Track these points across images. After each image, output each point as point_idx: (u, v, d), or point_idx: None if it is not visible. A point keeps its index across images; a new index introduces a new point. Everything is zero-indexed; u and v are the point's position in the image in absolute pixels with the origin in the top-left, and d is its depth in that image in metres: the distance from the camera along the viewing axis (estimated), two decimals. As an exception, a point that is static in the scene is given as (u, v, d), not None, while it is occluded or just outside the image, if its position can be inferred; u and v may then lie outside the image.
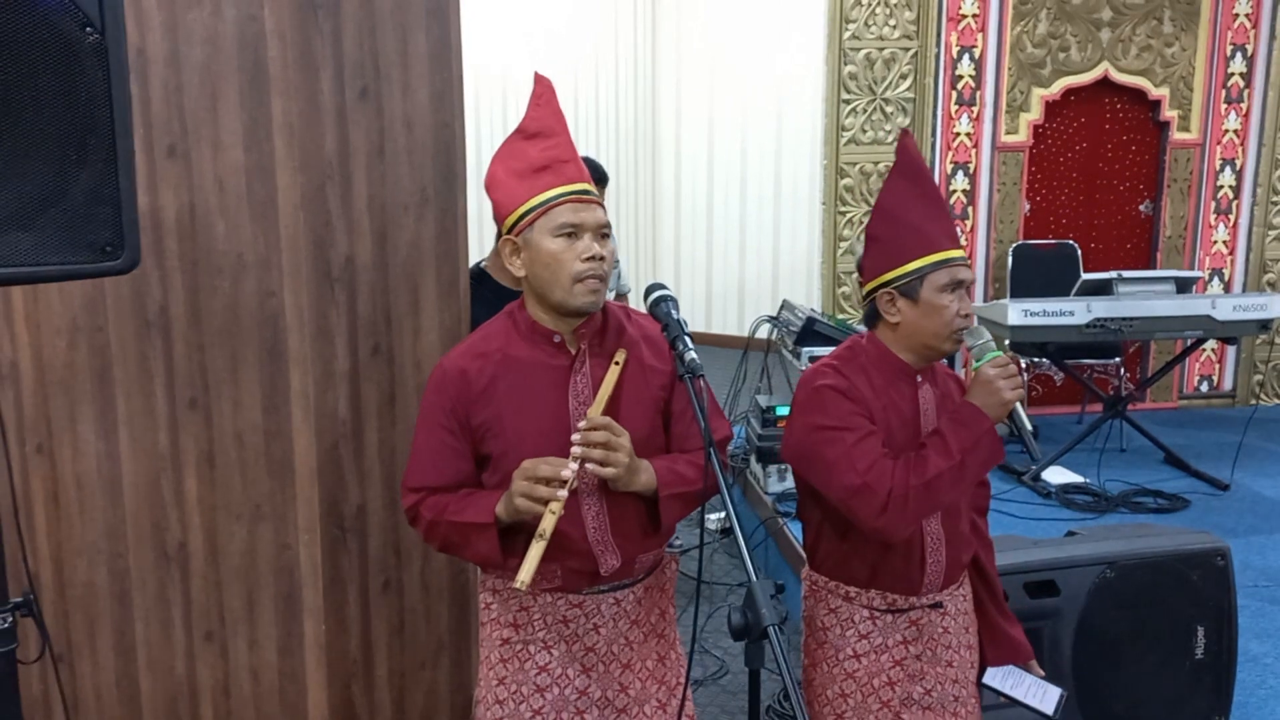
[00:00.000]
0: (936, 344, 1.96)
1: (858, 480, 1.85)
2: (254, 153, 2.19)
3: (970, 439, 1.87)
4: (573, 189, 1.75)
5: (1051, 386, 6.36)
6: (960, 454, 1.85)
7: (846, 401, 1.93)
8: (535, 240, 1.74)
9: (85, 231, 1.55)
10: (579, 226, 1.73)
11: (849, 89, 6.02)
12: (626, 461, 1.69)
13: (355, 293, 2.32)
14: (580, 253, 1.72)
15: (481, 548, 1.74)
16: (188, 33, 2.21)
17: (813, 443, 1.93)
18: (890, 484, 1.84)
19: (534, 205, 1.74)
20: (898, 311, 1.96)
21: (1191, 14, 6.11)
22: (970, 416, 1.88)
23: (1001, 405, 1.87)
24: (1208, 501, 4.78)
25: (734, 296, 9.06)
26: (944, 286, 1.93)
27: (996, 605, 2.17)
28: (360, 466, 2.41)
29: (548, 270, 1.73)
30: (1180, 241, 6.37)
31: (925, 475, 1.85)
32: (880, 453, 1.89)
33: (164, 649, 2.57)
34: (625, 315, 1.89)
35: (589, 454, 1.67)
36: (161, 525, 2.50)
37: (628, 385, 1.80)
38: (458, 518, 1.75)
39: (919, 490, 1.84)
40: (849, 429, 1.90)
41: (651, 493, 1.76)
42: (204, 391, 2.37)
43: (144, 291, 2.37)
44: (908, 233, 1.96)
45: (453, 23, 2.42)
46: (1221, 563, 2.75)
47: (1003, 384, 1.88)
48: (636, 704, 1.84)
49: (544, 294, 1.76)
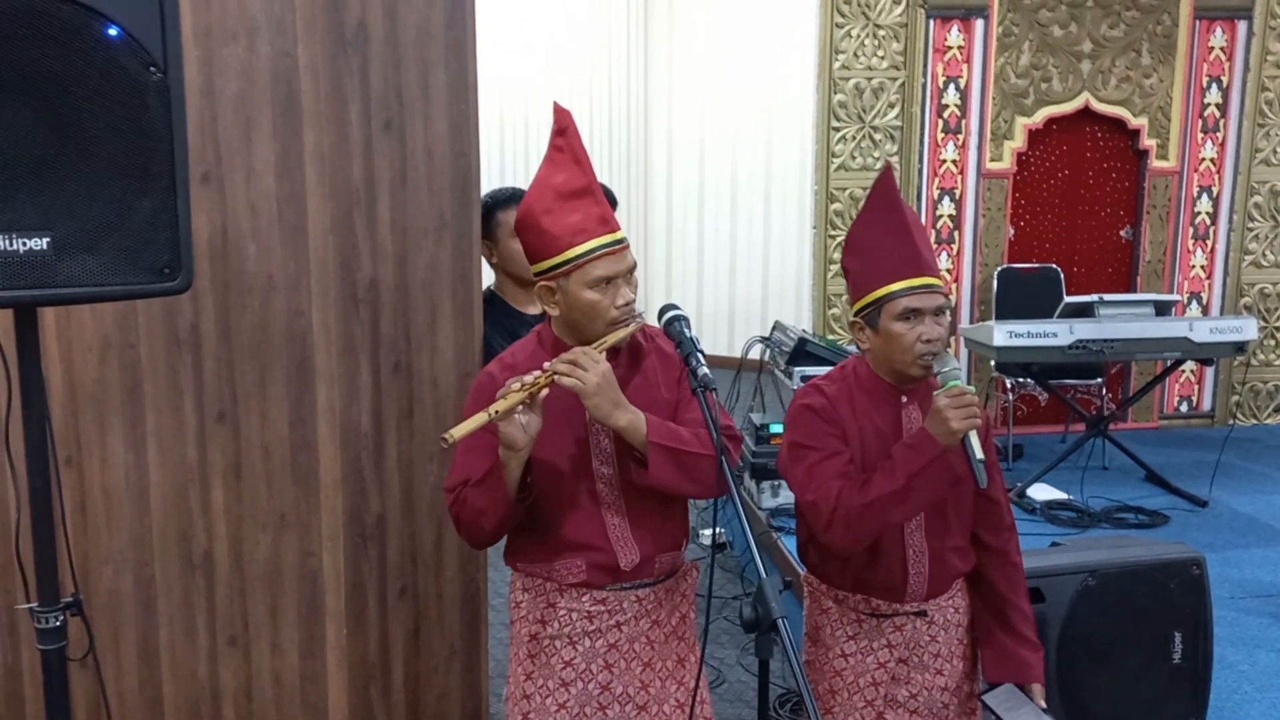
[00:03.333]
0: (904, 369, 2.05)
1: (810, 496, 1.98)
2: (286, 180, 2.32)
3: (918, 464, 1.93)
4: (607, 242, 1.85)
5: (1036, 406, 6.52)
6: (906, 478, 1.93)
7: (820, 421, 2.05)
8: (572, 290, 1.84)
9: (146, 254, 1.67)
10: (614, 277, 1.84)
11: (839, 117, 6.20)
12: (595, 381, 1.77)
13: (378, 312, 2.45)
14: (615, 300, 1.84)
15: (499, 490, 1.81)
16: (223, 67, 2.34)
17: (788, 458, 2.08)
18: (835, 503, 1.95)
19: (571, 258, 1.83)
20: (866, 339, 2.09)
21: (1169, 47, 6.32)
22: (921, 443, 1.95)
23: (950, 434, 1.91)
24: (1187, 517, 4.93)
25: (724, 318, 9.20)
26: (899, 315, 2.01)
27: (1001, 622, 2.19)
28: (380, 477, 2.53)
29: (585, 316, 1.85)
30: (1160, 266, 6.55)
31: (867, 497, 1.94)
32: (836, 473, 1.99)
33: (188, 654, 2.67)
34: (643, 334, 1.99)
35: (555, 365, 1.78)
36: (188, 534, 2.61)
37: (634, 395, 1.89)
38: (476, 476, 1.86)
39: (859, 510, 1.94)
40: (815, 448, 2.03)
41: (640, 440, 1.82)
42: (232, 405, 2.48)
43: (175, 310, 2.49)
44: (870, 264, 2.07)
45: (470, 58, 2.56)
46: (1197, 572, 2.89)
47: (952, 414, 1.91)
48: (656, 702, 1.95)
49: (579, 331, 1.88)
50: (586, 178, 1.88)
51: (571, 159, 1.89)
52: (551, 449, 1.86)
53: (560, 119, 1.91)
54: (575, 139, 1.90)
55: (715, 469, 1.81)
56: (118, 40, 1.58)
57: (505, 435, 1.74)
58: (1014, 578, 2.20)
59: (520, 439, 1.74)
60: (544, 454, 1.86)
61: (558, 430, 1.88)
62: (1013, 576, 2.20)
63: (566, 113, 1.92)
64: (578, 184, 1.87)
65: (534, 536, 1.93)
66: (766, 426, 4.77)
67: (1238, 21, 6.36)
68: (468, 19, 2.55)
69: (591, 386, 1.76)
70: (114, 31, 1.58)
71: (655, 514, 1.93)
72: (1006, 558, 2.20)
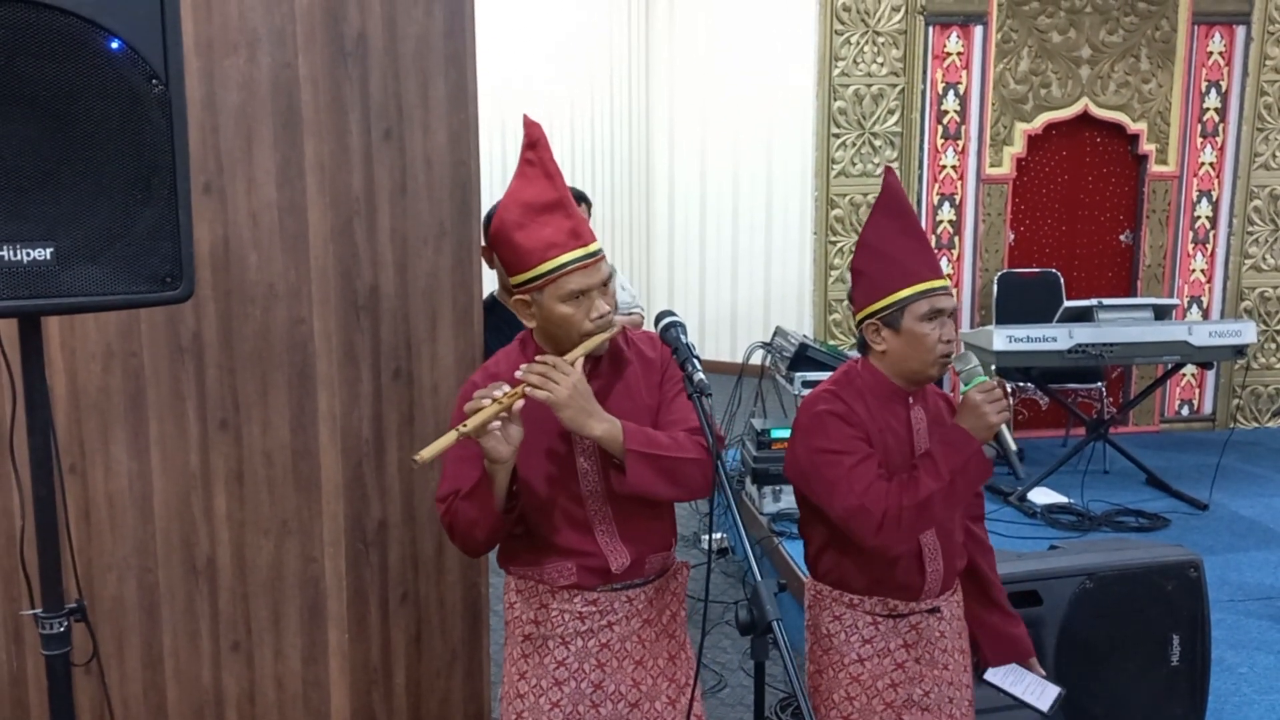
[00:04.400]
0: (923, 370, 2.08)
1: (855, 501, 1.97)
2: (287, 190, 2.35)
3: (959, 460, 1.99)
4: (579, 256, 1.84)
5: (1036, 410, 6.52)
6: (950, 475, 1.98)
7: (845, 426, 2.05)
8: (546, 303, 1.84)
9: (147, 264, 1.69)
10: (587, 290, 1.84)
11: (838, 123, 6.23)
12: (566, 393, 1.76)
13: (379, 320, 2.47)
14: (589, 313, 1.84)
15: (488, 501, 1.82)
16: (224, 78, 2.36)
17: (814, 465, 2.06)
18: (885, 505, 1.96)
19: (543, 272, 1.83)
20: (883, 340, 2.10)
21: (1167, 52, 6.34)
22: (959, 439, 2.00)
23: (987, 428, 1.99)
24: (1187, 521, 4.94)
25: (726, 323, 9.22)
26: (924, 315, 2.05)
27: (995, 606, 2.28)
28: (381, 484, 2.55)
29: (559, 329, 1.86)
30: (1160, 270, 6.57)
31: (918, 496, 1.97)
32: (876, 475, 2.01)
33: (191, 659, 2.70)
34: (624, 339, 2.00)
35: (527, 376, 1.78)
36: (191, 541, 2.63)
37: (617, 401, 1.90)
38: (466, 487, 1.87)
39: (912, 510, 1.97)
40: (848, 452, 2.03)
41: (618, 448, 1.81)
42: (234, 413, 2.51)
43: (178, 319, 2.52)
44: (889, 266, 2.09)
45: (469, 68, 2.59)
46: (1194, 574, 2.90)
47: (988, 408, 1.98)
48: (648, 699, 1.98)
49: (556, 343, 1.89)
50: (558, 191, 1.88)
51: (542, 173, 1.89)
52: (535, 460, 1.88)
53: (530, 132, 1.91)
54: (546, 152, 1.90)
55: (699, 471, 1.84)
56: (119, 53, 1.60)
57: (488, 449, 1.75)
58: (992, 561, 2.33)
59: (503, 451, 1.75)
60: (528, 465, 1.88)
61: (540, 441, 1.89)
62: (991, 560, 2.33)
63: (537, 125, 1.92)
64: (548, 198, 1.87)
65: (525, 543, 1.95)
66: (768, 431, 4.78)
67: (1236, 26, 6.38)
68: (467, 30, 2.58)
69: (563, 398, 1.76)
70: (116, 44, 1.60)
71: (642, 518, 1.95)
72: (984, 542, 2.31)
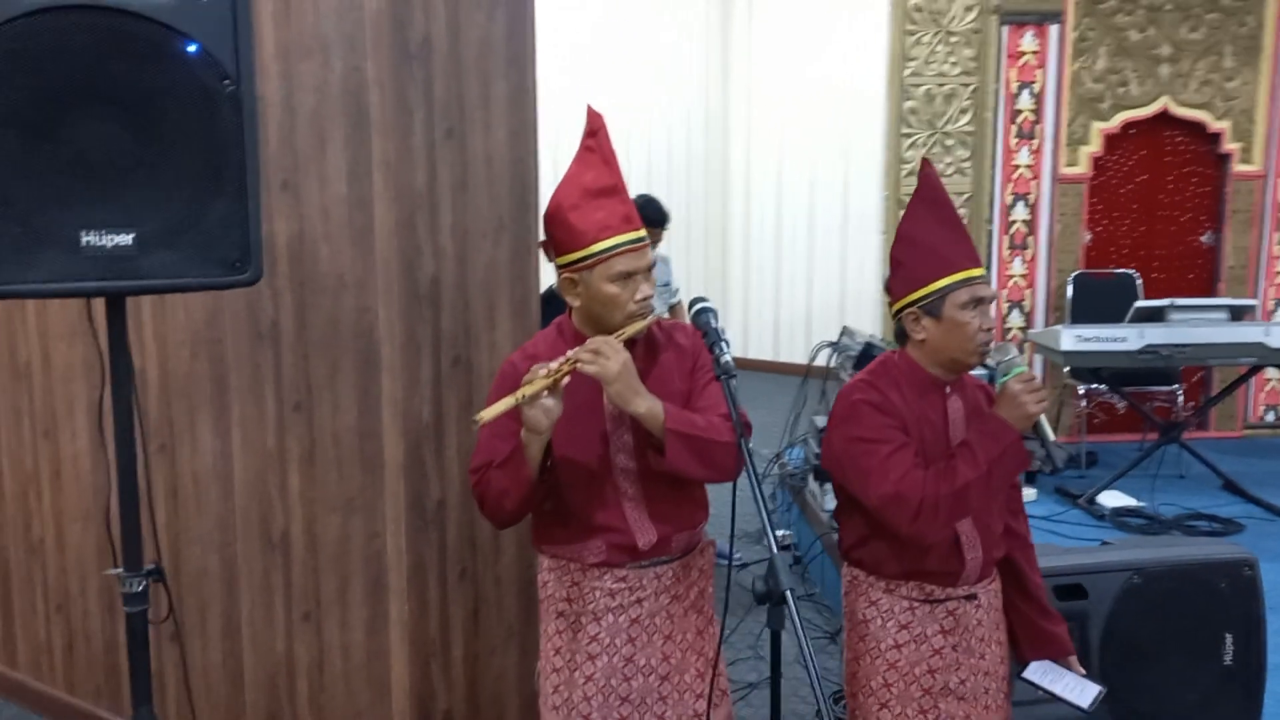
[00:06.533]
0: (962, 358, 2.12)
1: (891, 489, 2.02)
2: (355, 186, 2.49)
3: (997, 450, 2.03)
4: (630, 239, 1.96)
5: (1113, 413, 6.42)
6: (988, 464, 2.02)
7: (881, 415, 2.10)
8: (593, 282, 1.95)
9: (218, 250, 1.85)
10: (634, 273, 1.95)
11: (909, 124, 6.23)
12: (616, 369, 1.85)
13: (440, 309, 2.60)
14: (634, 295, 1.95)
15: (521, 471, 1.92)
16: (300, 82, 2.53)
17: (850, 454, 2.12)
18: (922, 493, 2.01)
19: (595, 252, 1.94)
20: (923, 329, 2.13)
21: (1253, 48, 6.19)
22: (997, 428, 2.05)
23: (1026, 418, 2.03)
24: (1263, 527, 4.83)
25: (800, 325, 9.23)
26: (965, 304, 2.09)
27: (1033, 602, 2.30)
28: (441, 465, 2.68)
29: (604, 308, 1.96)
30: (1243, 272, 6.41)
31: (955, 484, 2.01)
32: (912, 463, 2.05)
33: (266, 629, 2.87)
34: (659, 328, 2.10)
35: (579, 353, 1.88)
36: (267, 517, 2.80)
37: (651, 386, 1.98)
38: (500, 459, 1.98)
39: (949, 498, 2.01)
40: (884, 441, 2.08)
41: (658, 427, 1.90)
42: (307, 396, 2.67)
43: (257, 307, 2.69)
44: (928, 255, 2.13)
45: (529, 69, 2.71)
46: (1249, 573, 2.87)
47: (1027, 398, 2.02)
48: (677, 672, 2.07)
49: (599, 322, 1.99)
50: (614, 177, 2.00)
51: (601, 159, 2.01)
52: (573, 439, 1.98)
53: (592, 121, 2.03)
54: (605, 140, 2.02)
55: (730, 455, 1.92)
56: (196, 56, 1.76)
57: (529, 418, 1.85)
58: (1033, 558, 2.33)
59: (543, 422, 1.85)
60: (565, 444, 1.98)
61: (578, 421, 1.99)
62: (1032, 557, 2.33)
63: (599, 115, 2.04)
64: (605, 182, 1.99)
65: (558, 521, 2.07)
66: (831, 429, 4.81)
67: (1328, 22, 6.21)
68: (527, 33, 2.71)
69: (613, 374, 1.86)
70: (192, 48, 1.76)
71: (670, 498, 2.04)
72: (1025, 539, 2.33)
